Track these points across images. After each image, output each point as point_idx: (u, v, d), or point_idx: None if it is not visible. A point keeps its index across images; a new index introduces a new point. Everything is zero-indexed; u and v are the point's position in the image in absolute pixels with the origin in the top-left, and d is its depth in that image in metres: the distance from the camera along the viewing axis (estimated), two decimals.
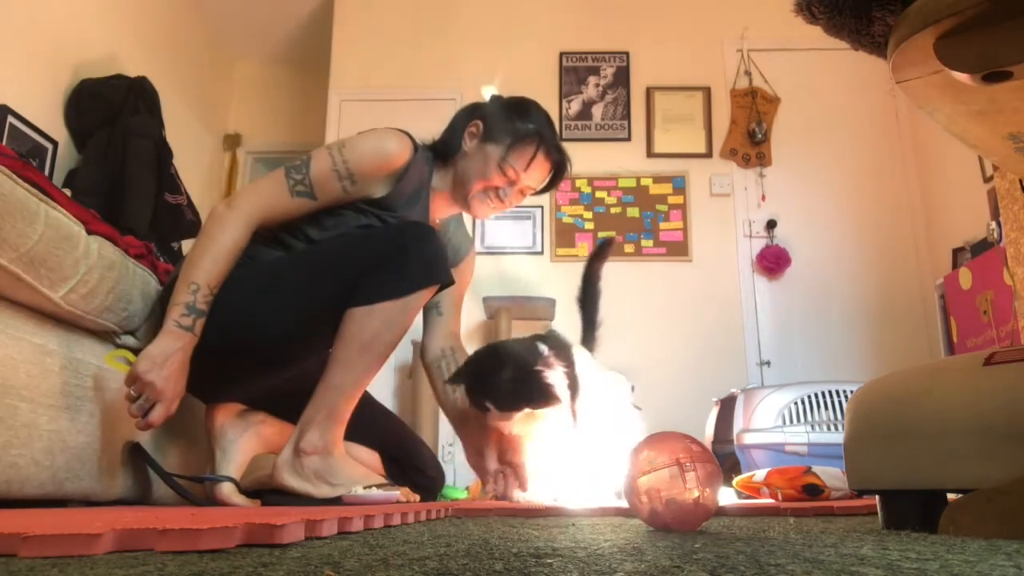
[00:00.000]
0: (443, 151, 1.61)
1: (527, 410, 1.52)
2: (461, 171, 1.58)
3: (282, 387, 1.49)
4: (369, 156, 1.45)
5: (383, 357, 1.40)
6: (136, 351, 1.53)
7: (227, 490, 1.45)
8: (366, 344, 1.34)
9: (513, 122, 1.57)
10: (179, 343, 1.27)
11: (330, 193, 1.43)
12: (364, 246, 1.40)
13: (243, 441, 1.53)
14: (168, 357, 1.26)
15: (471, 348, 1.67)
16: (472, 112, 1.63)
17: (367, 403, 1.63)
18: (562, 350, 1.67)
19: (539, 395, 1.51)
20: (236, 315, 1.35)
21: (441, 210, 1.65)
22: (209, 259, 1.32)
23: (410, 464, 1.68)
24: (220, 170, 5.01)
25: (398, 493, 1.36)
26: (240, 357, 1.38)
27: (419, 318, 1.64)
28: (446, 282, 1.42)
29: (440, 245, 1.42)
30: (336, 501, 1.36)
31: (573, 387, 1.63)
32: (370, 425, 1.65)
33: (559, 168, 1.63)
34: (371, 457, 1.65)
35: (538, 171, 1.59)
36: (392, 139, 1.49)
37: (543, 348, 1.58)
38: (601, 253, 2.00)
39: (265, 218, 1.40)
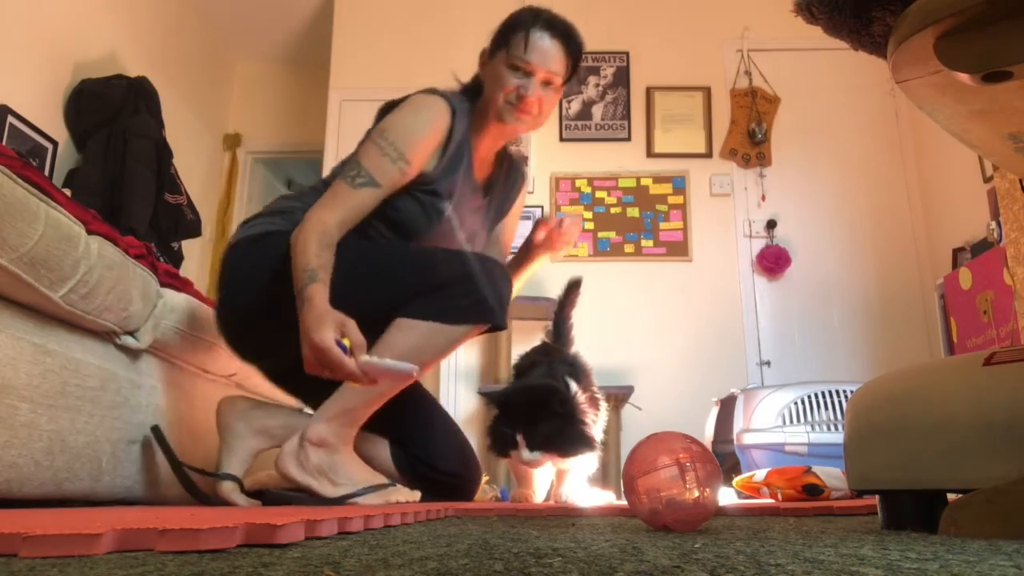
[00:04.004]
0: (475, 91, 1.62)
1: (555, 457, 1.56)
2: (484, 98, 1.57)
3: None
4: (412, 134, 1.47)
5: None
6: (136, 351, 1.53)
7: (227, 488, 1.45)
8: (402, 355, 1.34)
9: (504, 24, 1.59)
10: (304, 307, 1.26)
11: (389, 176, 1.45)
12: (438, 263, 1.43)
13: (249, 438, 1.52)
14: (306, 324, 1.25)
15: (471, 348, 1.70)
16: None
17: (423, 395, 1.65)
18: (586, 378, 1.72)
19: (579, 446, 1.55)
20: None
21: (489, 150, 1.65)
22: (312, 252, 1.33)
23: (416, 455, 1.58)
24: (220, 170, 5.01)
25: (412, 368, 1.30)
26: (286, 322, 1.37)
27: None
28: (498, 327, 1.44)
29: (507, 288, 1.45)
30: (336, 502, 1.36)
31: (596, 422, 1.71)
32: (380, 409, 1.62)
33: (566, 36, 1.57)
34: (376, 447, 1.57)
35: (544, 48, 1.53)
36: (427, 110, 1.50)
37: (574, 388, 1.61)
38: (569, 298, 2.00)
39: (342, 221, 1.41)
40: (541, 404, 1.54)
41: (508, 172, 1.74)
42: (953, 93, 0.66)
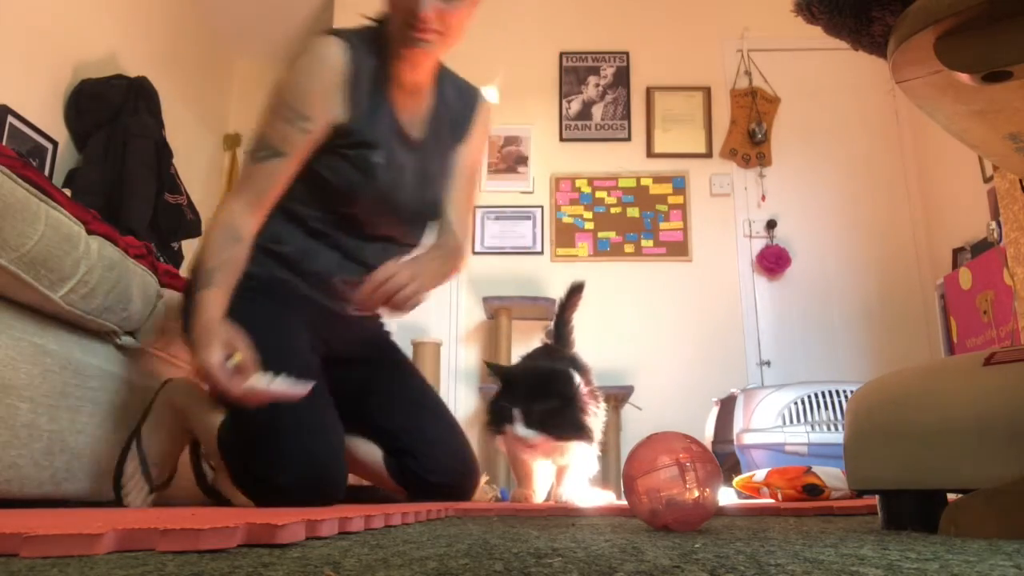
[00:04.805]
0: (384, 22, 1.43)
1: (549, 439, 1.56)
2: (390, 26, 1.40)
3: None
4: (303, 87, 1.34)
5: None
6: (136, 351, 1.53)
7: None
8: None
9: None
10: (194, 313, 1.23)
11: (292, 140, 1.33)
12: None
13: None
14: (194, 335, 1.22)
15: (471, 348, 1.70)
16: None
17: (380, 389, 1.54)
18: (586, 376, 1.73)
19: (575, 432, 1.56)
20: None
21: (415, 81, 1.46)
22: (214, 249, 1.29)
23: (406, 464, 1.51)
24: (220, 170, 5.01)
25: (301, 391, 1.18)
26: None
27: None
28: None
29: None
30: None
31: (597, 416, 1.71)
32: (373, 414, 1.53)
33: None
34: (370, 451, 1.54)
35: None
36: (313, 55, 1.36)
37: (577, 379, 1.63)
38: (570, 301, 2.00)
39: (251, 202, 1.33)
40: (544, 384, 1.55)
41: (458, 96, 1.56)
42: (953, 93, 0.66)
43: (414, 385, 1.65)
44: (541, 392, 1.55)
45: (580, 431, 1.57)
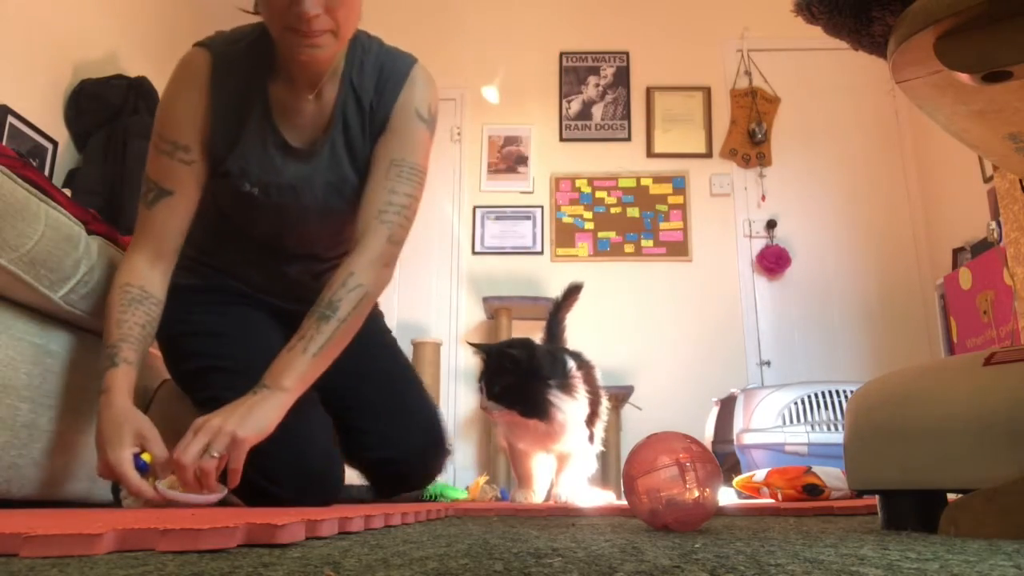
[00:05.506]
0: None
1: (510, 411, 1.62)
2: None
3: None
4: (172, 113, 1.24)
5: None
6: None
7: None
8: None
9: None
10: (101, 400, 1.11)
11: (176, 175, 1.23)
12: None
13: None
14: (100, 428, 1.09)
15: (471, 348, 1.73)
16: None
17: (349, 370, 1.35)
18: (589, 370, 1.77)
19: (533, 409, 1.60)
20: None
21: (307, 81, 1.26)
22: (114, 319, 1.18)
23: (351, 445, 1.40)
24: None
25: (217, 497, 1.09)
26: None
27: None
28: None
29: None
30: None
31: (594, 413, 1.75)
32: (341, 408, 1.40)
33: None
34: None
35: None
36: (176, 75, 1.26)
37: (572, 366, 1.67)
38: (567, 301, 2.02)
39: (153, 255, 1.24)
40: (497, 360, 1.66)
41: (377, 80, 1.32)
42: (953, 93, 0.66)
43: (370, 356, 1.47)
44: (498, 367, 1.64)
45: (540, 410, 1.61)
